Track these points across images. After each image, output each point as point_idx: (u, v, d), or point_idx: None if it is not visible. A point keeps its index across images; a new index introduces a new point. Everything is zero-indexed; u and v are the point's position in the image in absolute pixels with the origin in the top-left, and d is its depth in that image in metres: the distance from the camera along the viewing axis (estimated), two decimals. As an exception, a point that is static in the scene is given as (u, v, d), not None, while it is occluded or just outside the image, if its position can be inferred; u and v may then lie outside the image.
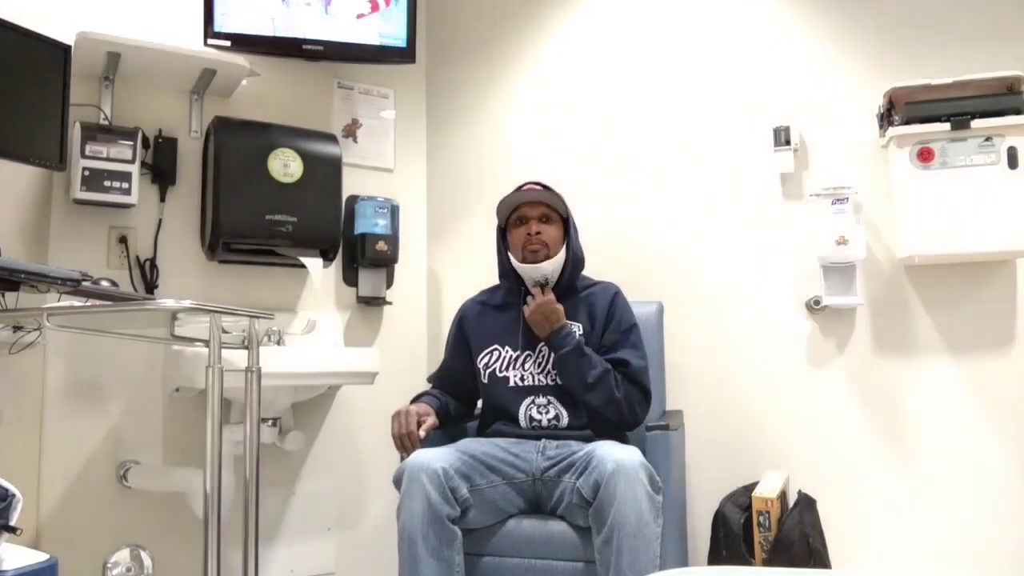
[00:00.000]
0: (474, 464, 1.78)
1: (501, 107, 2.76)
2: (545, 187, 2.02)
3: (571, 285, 2.01)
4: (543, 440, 1.87)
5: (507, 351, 1.98)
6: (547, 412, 1.91)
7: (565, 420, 1.90)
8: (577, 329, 1.94)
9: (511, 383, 1.95)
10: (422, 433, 1.83)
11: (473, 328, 2.06)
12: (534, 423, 1.91)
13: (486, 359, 2.00)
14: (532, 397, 1.93)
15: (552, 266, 1.96)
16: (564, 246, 1.98)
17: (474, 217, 2.68)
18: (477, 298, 2.13)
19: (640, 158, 2.48)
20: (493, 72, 2.78)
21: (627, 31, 2.57)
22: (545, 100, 2.67)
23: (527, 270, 1.97)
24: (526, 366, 1.95)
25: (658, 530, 1.64)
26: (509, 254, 2.01)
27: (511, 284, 2.04)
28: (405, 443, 1.83)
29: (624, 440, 1.90)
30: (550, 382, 1.92)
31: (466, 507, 1.73)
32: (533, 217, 1.97)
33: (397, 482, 1.74)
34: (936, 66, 2.13)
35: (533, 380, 1.93)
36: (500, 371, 1.97)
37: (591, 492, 1.66)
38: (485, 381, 1.99)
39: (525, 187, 2.03)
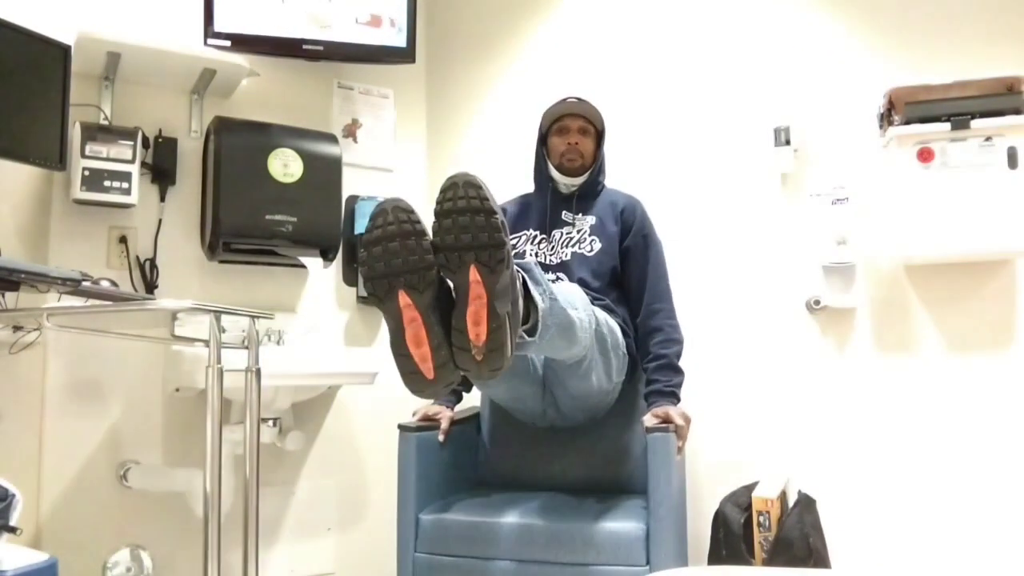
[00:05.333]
0: None
1: (501, 107, 2.75)
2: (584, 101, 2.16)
3: (593, 187, 2.16)
4: None
5: (530, 232, 2.14)
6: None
7: None
8: (591, 219, 2.09)
9: (526, 258, 2.06)
10: (441, 437, 1.97)
11: (511, 220, 2.17)
12: None
13: (513, 242, 2.10)
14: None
15: (585, 178, 2.14)
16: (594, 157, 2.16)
17: (474, 217, 2.68)
18: (513, 200, 2.26)
19: (640, 158, 2.48)
20: (493, 72, 2.78)
21: (627, 32, 2.56)
22: (546, 100, 2.65)
23: (562, 179, 2.14)
24: (541, 246, 2.10)
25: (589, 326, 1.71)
26: (547, 160, 2.17)
27: (542, 183, 2.18)
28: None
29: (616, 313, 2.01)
30: (561, 260, 2.06)
31: None
32: (573, 128, 2.14)
33: None
34: (936, 66, 2.13)
35: (545, 259, 2.08)
36: (519, 247, 2.12)
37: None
38: None
39: (568, 99, 2.17)
